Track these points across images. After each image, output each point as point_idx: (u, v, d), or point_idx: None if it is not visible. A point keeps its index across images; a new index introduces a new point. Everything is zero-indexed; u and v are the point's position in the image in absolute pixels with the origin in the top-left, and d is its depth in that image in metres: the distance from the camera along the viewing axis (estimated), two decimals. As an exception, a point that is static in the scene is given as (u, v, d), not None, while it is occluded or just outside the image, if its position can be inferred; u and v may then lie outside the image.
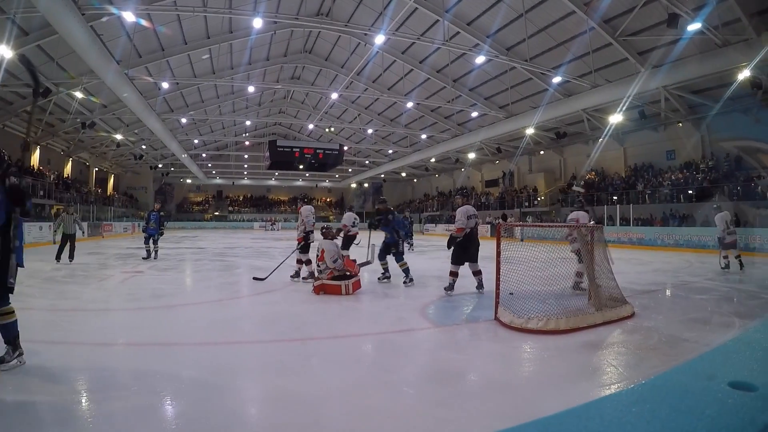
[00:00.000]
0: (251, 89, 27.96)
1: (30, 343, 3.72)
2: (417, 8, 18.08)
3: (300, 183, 56.97)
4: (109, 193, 40.20)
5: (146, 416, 2.71)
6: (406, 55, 23.72)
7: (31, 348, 3.64)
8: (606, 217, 21.76)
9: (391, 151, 38.68)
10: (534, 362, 4.03)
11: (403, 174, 48.75)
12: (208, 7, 16.94)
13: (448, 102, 24.84)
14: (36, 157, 26.57)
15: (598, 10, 15.66)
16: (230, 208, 56.31)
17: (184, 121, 29.72)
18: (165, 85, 21.80)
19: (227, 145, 43.79)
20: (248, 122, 34.63)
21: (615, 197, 23.77)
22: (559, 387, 3.28)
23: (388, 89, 27.14)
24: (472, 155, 33.79)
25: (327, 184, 58.11)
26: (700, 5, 13.26)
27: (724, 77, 15.68)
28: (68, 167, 32.00)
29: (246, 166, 49.15)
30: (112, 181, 42.50)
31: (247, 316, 5.89)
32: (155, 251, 12.59)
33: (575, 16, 16.36)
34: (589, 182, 26.67)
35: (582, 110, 21.12)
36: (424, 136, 31.86)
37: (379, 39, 17.52)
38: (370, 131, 33.23)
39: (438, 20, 18.66)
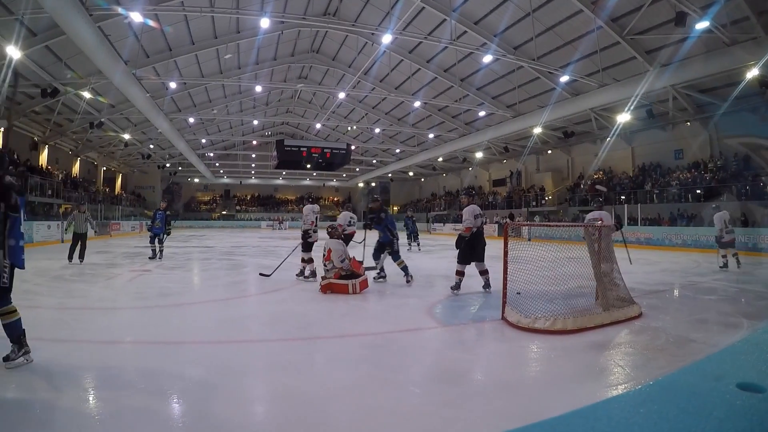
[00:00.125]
0: (259, 89, 28.07)
1: (37, 341, 3.76)
2: (424, 8, 18.00)
3: (307, 182, 57.15)
4: (117, 192, 40.61)
5: (153, 414, 2.73)
6: (414, 54, 23.67)
7: (38, 346, 3.66)
8: (614, 216, 21.60)
9: (398, 151, 38.75)
10: (541, 362, 4.02)
11: (411, 173, 48.72)
12: (216, 7, 16.95)
13: (456, 101, 24.77)
14: (44, 156, 26.83)
15: (605, 8, 15.54)
16: (238, 208, 56.63)
17: (191, 120, 29.85)
18: (173, 85, 21.92)
19: (235, 145, 44.00)
20: (255, 122, 34.85)
21: (623, 197, 23.63)
22: (567, 387, 3.27)
23: (396, 89, 27.08)
24: (479, 154, 33.72)
25: (334, 183, 58.26)
26: (708, 3, 13.12)
27: (732, 76, 15.53)
28: (76, 167, 32.29)
29: (253, 165, 49.45)
30: (120, 180, 42.88)
31: (253, 315, 5.91)
32: (160, 251, 12.30)
33: (583, 15, 16.27)
34: (597, 182, 26.53)
35: (590, 109, 21.00)
36: (431, 136, 31.85)
37: (386, 38, 17.50)
38: (377, 130, 33.21)
39: (445, 19, 18.62)
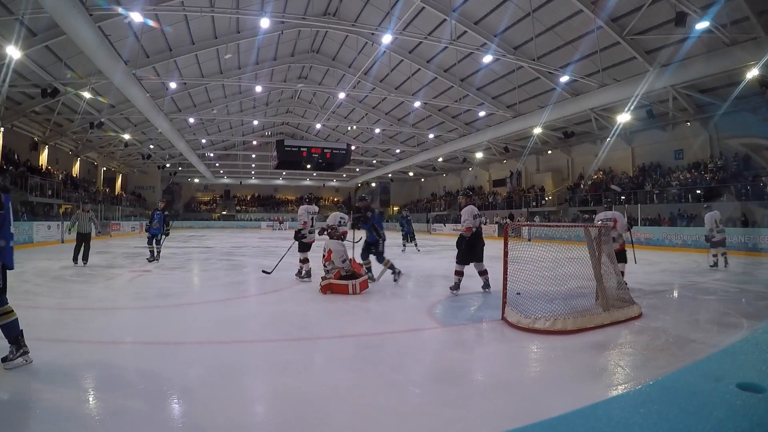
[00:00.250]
0: (259, 89, 28.07)
1: (37, 341, 3.75)
2: (424, 8, 18.02)
3: (307, 182, 57.21)
4: (117, 192, 40.64)
5: (153, 414, 2.73)
6: (414, 54, 23.68)
7: (38, 346, 3.66)
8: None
9: (398, 151, 38.77)
10: (541, 362, 4.02)
11: (411, 173, 48.73)
12: (216, 7, 16.96)
13: (456, 101, 24.76)
14: (44, 156, 26.86)
15: (605, 9, 15.55)
16: (238, 208, 56.65)
17: (191, 120, 29.84)
18: (173, 85, 21.92)
19: (235, 145, 43.99)
20: (255, 122, 34.84)
21: (623, 197, 23.65)
22: (566, 387, 3.27)
23: (396, 89, 27.10)
24: (479, 155, 33.73)
25: (334, 183, 58.30)
26: (708, 4, 13.13)
27: (732, 76, 15.54)
28: (76, 167, 32.32)
29: (253, 165, 49.46)
30: (120, 180, 42.91)
31: (253, 315, 5.91)
32: (158, 252, 11.86)
33: (583, 15, 16.28)
34: (597, 182, 26.55)
35: (590, 109, 21.00)
36: (431, 136, 31.87)
37: (386, 38, 17.52)
38: (377, 131, 33.21)
39: (445, 19, 18.62)
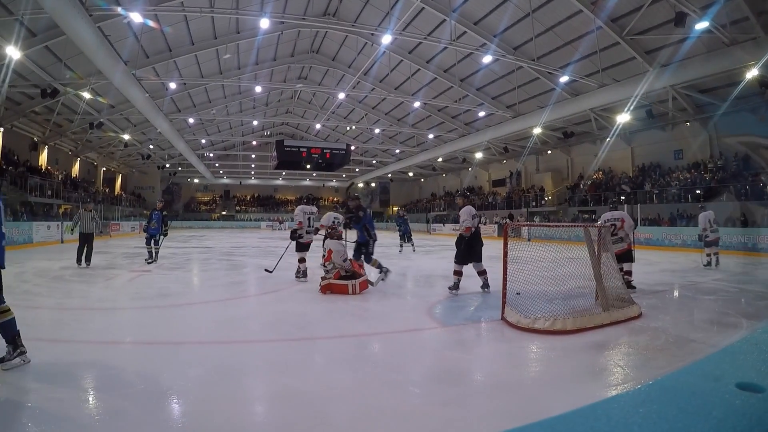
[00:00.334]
0: (258, 89, 28.03)
1: (37, 341, 3.76)
2: (424, 8, 18.02)
3: (307, 183, 57.23)
4: (116, 192, 40.60)
5: (152, 414, 2.73)
6: (413, 54, 23.68)
7: (38, 346, 3.66)
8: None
9: (398, 151, 38.75)
10: (541, 362, 4.02)
11: (410, 173, 48.72)
12: (215, 7, 16.96)
13: (455, 102, 24.78)
14: (44, 156, 26.86)
15: (605, 9, 15.55)
16: (237, 208, 56.58)
17: (191, 121, 29.82)
18: (172, 86, 21.89)
19: (234, 145, 43.95)
20: (255, 122, 34.82)
21: (623, 197, 23.64)
22: (566, 387, 3.27)
23: (395, 89, 27.09)
24: (479, 155, 33.72)
25: (334, 183, 58.28)
26: (708, 4, 13.12)
27: (732, 76, 15.52)
28: (76, 167, 32.31)
29: (253, 165, 49.45)
30: (119, 180, 42.88)
31: (253, 315, 5.91)
32: (156, 252, 11.69)
33: (582, 15, 16.28)
34: (597, 182, 26.55)
35: (589, 110, 21.00)
36: (431, 136, 31.86)
37: (386, 39, 17.50)
38: (377, 131, 33.19)
39: (445, 20, 18.63)
